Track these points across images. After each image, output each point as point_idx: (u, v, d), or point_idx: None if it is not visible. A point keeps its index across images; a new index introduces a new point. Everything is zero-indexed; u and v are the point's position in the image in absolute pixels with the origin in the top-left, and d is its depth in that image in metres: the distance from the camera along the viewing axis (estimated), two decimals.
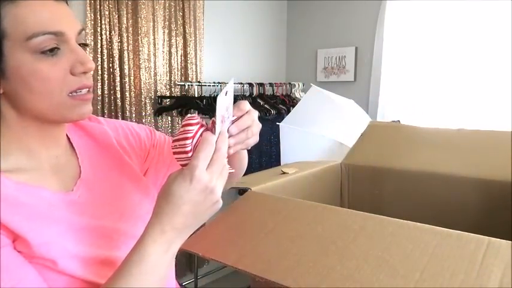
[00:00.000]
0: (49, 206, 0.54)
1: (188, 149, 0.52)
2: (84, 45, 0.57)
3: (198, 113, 2.50)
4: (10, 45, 0.50)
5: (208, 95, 2.53)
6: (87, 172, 0.64)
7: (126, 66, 2.34)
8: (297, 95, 2.99)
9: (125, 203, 0.65)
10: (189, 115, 0.54)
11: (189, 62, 2.66)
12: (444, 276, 0.52)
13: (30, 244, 0.49)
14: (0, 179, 0.51)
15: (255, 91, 2.73)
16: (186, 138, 0.52)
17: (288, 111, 2.56)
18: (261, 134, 0.62)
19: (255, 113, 0.60)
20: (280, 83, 2.93)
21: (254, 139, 0.60)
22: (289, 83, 3.01)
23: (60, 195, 0.57)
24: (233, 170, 0.58)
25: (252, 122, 0.59)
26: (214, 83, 2.57)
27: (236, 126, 0.57)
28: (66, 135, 0.65)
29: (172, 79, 2.60)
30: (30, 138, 0.57)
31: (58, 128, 0.60)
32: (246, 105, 0.59)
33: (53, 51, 0.52)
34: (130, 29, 2.35)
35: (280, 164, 2.03)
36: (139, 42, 2.39)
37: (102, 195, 0.63)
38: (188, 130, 0.53)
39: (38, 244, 0.50)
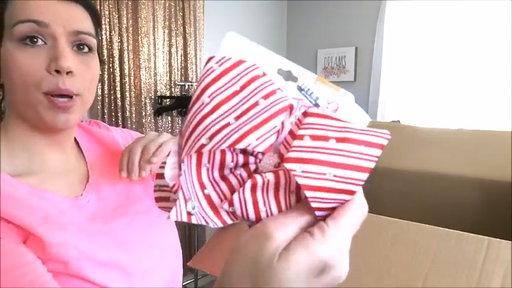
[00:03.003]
0: (60, 211, 0.53)
1: None
2: (88, 50, 0.54)
3: None
4: (5, 34, 0.50)
5: None
6: (96, 177, 0.63)
7: (126, 66, 2.34)
8: None
9: (134, 208, 0.64)
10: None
11: (189, 62, 2.66)
12: (445, 276, 0.51)
13: (45, 243, 0.48)
14: (13, 183, 0.50)
15: None
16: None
17: None
18: None
19: None
20: None
21: None
22: None
23: (70, 200, 0.56)
24: None
25: None
26: None
27: None
28: (75, 139, 0.65)
29: (172, 79, 2.60)
30: (33, 140, 0.56)
31: (62, 133, 0.59)
32: None
33: (32, 41, 0.50)
34: (131, 29, 2.35)
35: None
36: (139, 42, 2.39)
37: (112, 200, 0.62)
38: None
39: (53, 243, 0.48)
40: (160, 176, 0.28)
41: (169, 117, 2.62)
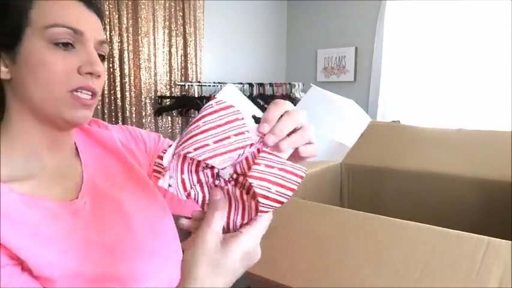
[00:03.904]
0: (53, 219, 0.53)
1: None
2: (102, 57, 0.58)
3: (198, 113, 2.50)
4: (30, 32, 0.52)
5: (208, 95, 2.53)
6: (93, 178, 0.62)
7: (126, 66, 2.34)
8: (297, 95, 3.00)
9: (132, 210, 0.63)
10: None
11: (189, 62, 2.66)
12: (444, 275, 0.52)
13: (29, 267, 0.48)
14: (6, 192, 0.50)
15: (255, 91, 2.73)
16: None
17: None
18: None
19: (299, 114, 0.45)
20: (280, 83, 2.93)
21: (312, 148, 0.46)
22: (289, 83, 3.02)
23: (65, 205, 0.56)
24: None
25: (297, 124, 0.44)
26: (214, 83, 2.57)
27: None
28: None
29: (172, 79, 2.61)
30: (34, 141, 0.56)
31: (65, 132, 0.59)
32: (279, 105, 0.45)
33: (66, 46, 0.53)
34: (131, 29, 2.35)
35: None
36: (140, 42, 2.39)
37: (109, 202, 0.62)
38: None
39: (38, 266, 0.48)
40: (160, 157, 0.43)
41: (169, 117, 2.62)
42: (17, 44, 0.52)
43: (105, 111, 2.32)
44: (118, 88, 2.34)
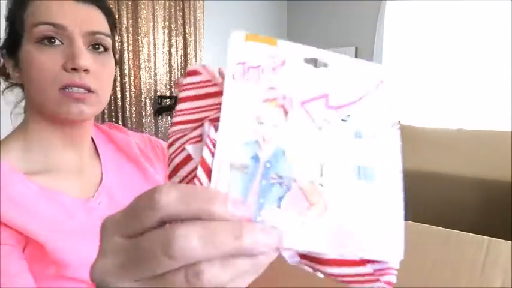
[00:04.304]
0: (68, 214, 0.54)
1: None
2: (103, 50, 0.56)
3: None
4: (26, 36, 0.53)
5: None
6: (110, 179, 0.63)
7: (126, 66, 2.34)
8: None
9: None
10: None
11: (189, 62, 2.66)
12: (444, 276, 0.51)
13: (46, 248, 0.49)
14: (26, 182, 0.51)
15: None
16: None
17: None
18: None
19: None
20: None
21: None
22: None
23: (80, 201, 0.57)
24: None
25: None
26: None
27: None
28: (93, 140, 0.65)
29: (172, 79, 2.61)
30: (49, 138, 0.57)
31: (77, 128, 0.59)
32: None
33: (50, 41, 0.52)
34: (131, 29, 2.35)
35: None
36: (140, 42, 2.39)
37: (123, 203, 0.62)
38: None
39: (55, 249, 0.49)
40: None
41: (169, 117, 2.62)
42: (18, 50, 0.54)
43: (105, 111, 2.32)
44: (118, 88, 2.34)
